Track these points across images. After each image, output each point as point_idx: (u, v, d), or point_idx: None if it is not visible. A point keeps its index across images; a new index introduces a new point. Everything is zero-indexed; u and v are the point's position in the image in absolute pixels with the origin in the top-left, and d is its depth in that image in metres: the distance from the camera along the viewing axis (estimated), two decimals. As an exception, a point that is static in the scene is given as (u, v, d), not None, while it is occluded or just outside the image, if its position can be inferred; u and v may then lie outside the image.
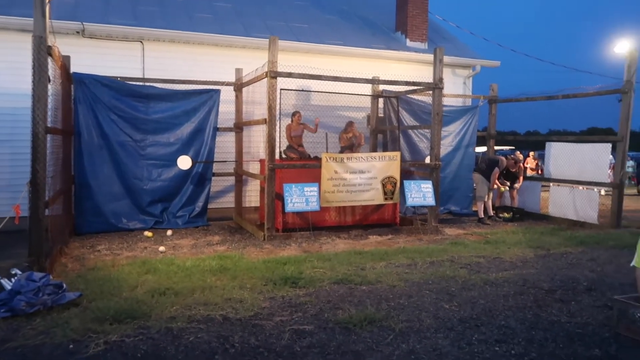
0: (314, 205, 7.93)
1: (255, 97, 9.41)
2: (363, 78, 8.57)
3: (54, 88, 6.25)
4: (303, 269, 5.85)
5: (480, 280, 5.60)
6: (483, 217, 9.96)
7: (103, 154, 8.34)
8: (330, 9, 12.63)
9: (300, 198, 7.83)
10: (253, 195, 9.94)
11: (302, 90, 9.35)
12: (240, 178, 9.67)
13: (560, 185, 10.38)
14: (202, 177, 9.05)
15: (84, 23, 8.89)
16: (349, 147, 9.63)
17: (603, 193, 13.26)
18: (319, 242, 7.69)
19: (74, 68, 8.19)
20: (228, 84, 9.30)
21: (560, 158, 10.25)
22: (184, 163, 8.60)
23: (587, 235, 8.38)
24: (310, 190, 7.94)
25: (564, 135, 11.51)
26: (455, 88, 11.86)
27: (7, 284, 4.60)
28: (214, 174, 9.29)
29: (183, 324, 4.10)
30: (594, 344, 3.89)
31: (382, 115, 10.52)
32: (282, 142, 8.68)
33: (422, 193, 8.59)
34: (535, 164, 16.05)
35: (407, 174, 9.34)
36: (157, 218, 8.67)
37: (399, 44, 11.77)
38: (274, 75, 7.66)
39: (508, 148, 22.19)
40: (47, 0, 5.47)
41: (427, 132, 9.82)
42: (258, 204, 9.52)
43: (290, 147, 9.20)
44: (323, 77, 8.02)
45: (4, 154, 8.62)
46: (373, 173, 8.34)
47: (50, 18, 5.68)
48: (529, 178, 11.35)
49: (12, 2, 8.96)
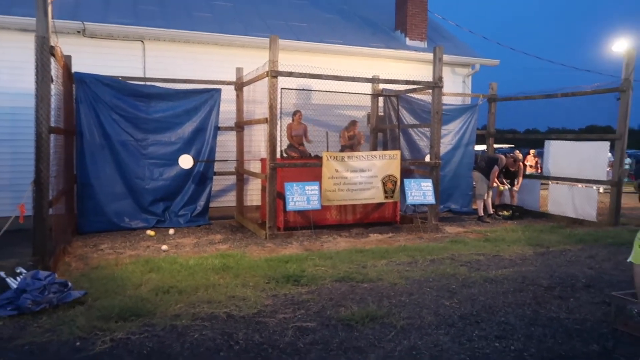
0: (315, 204, 7.97)
1: (256, 96, 9.43)
2: (363, 77, 8.60)
3: (57, 88, 6.29)
4: (305, 267, 5.91)
5: (480, 278, 5.66)
6: (483, 215, 10.02)
7: (105, 154, 8.37)
8: (330, 8, 12.65)
9: (302, 197, 7.88)
10: (254, 194, 9.99)
11: (302, 90, 9.40)
12: (242, 177, 9.71)
13: (559, 184, 10.44)
14: (203, 176, 9.09)
15: (85, 22, 8.91)
16: (350, 146, 9.69)
17: (602, 191, 13.32)
18: (321, 240, 7.74)
19: (75, 68, 8.21)
20: (229, 83, 9.34)
21: (559, 156, 10.30)
22: (186, 162, 8.65)
23: (585, 233, 8.44)
24: (312, 189, 7.99)
25: (563, 134, 11.55)
26: (455, 87, 11.90)
27: (12, 283, 4.65)
28: (216, 173, 9.32)
29: (187, 322, 4.16)
30: (592, 340, 3.95)
31: (382, 114, 10.57)
32: (282, 141, 8.73)
33: (422, 191, 8.65)
34: (535, 162, 16.09)
35: (407, 173, 9.40)
36: (159, 217, 8.71)
37: (399, 43, 11.81)
38: (275, 75, 7.69)
39: (507, 146, 22.25)
40: (49, 1, 5.51)
41: (427, 130, 9.86)
42: (259, 203, 9.56)
43: (291, 146, 9.25)
44: (323, 76, 8.05)
45: (5, 154, 8.65)
46: (373, 172, 8.39)
47: (53, 18, 5.72)
48: (528, 176, 11.40)
49: (12, 1, 8.99)
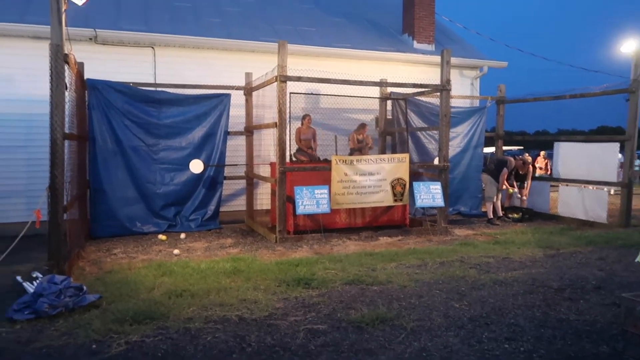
0: (325, 208, 8.02)
1: (265, 100, 9.52)
2: (371, 81, 8.65)
3: (70, 95, 6.41)
4: (315, 270, 5.96)
5: (490, 280, 5.68)
6: (492, 217, 10.01)
7: (117, 159, 8.48)
8: (337, 12, 12.73)
9: (311, 200, 7.94)
10: (264, 198, 10.06)
11: (311, 94, 9.46)
12: (251, 181, 9.79)
13: (569, 185, 10.41)
14: (213, 180, 9.18)
15: (97, 30, 9.03)
16: (359, 149, 9.74)
17: (612, 193, 13.26)
18: (330, 243, 7.80)
19: (88, 74, 8.33)
20: (238, 88, 9.43)
21: (569, 158, 10.28)
22: (196, 167, 8.74)
23: (596, 235, 8.42)
24: (321, 193, 8.04)
25: (573, 135, 11.53)
26: (463, 89, 11.91)
27: (29, 287, 4.75)
28: (226, 178, 9.40)
29: (200, 324, 4.23)
30: (602, 341, 3.97)
31: (390, 117, 10.61)
32: (292, 145, 8.79)
33: (431, 194, 8.67)
34: (545, 164, 16.00)
35: (416, 176, 9.42)
36: (170, 221, 8.80)
37: (406, 46, 11.85)
38: (284, 80, 7.77)
39: (517, 148, 22.16)
40: (63, 9, 5.62)
41: (435, 133, 9.88)
42: (269, 207, 9.63)
43: (300, 150, 9.32)
44: (332, 80, 8.11)
45: (20, 160, 8.77)
46: (382, 175, 8.43)
47: (66, 26, 5.83)
48: (538, 178, 11.38)
49: (26, 9, 9.16)
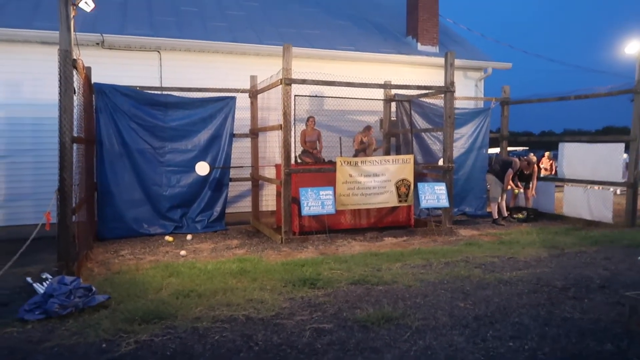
0: (330, 209, 8.08)
1: (270, 103, 9.59)
2: (375, 83, 8.70)
3: (78, 99, 6.49)
4: (321, 271, 6.01)
5: (495, 280, 5.71)
6: (497, 218, 10.02)
7: (124, 162, 8.57)
8: (341, 15, 12.79)
9: (316, 201, 7.99)
10: (269, 200, 10.12)
11: (315, 96, 9.52)
12: (257, 183, 9.85)
13: (575, 186, 10.41)
14: (219, 182, 9.25)
15: (104, 35, 9.14)
16: (363, 149, 9.79)
17: (618, 193, 13.22)
18: (335, 244, 7.84)
19: (95, 78, 8.44)
20: (243, 91, 9.50)
21: (574, 158, 10.28)
22: (202, 169, 8.82)
23: (601, 235, 8.42)
24: (326, 194, 8.10)
25: (578, 136, 11.52)
26: (467, 90, 11.94)
27: (39, 288, 4.83)
28: (231, 179, 9.48)
29: (208, 324, 4.29)
30: (606, 339, 3.99)
31: (394, 119, 10.65)
32: (296, 147, 8.85)
33: (435, 195, 8.71)
34: (550, 164, 15.97)
35: (420, 177, 9.46)
36: (176, 223, 8.88)
37: (410, 48, 11.90)
38: (289, 82, 7.83)
39: (522, 149, 22.13)
40: (72, 16, 5.71)
41: (439, 134, 9.92)
42: (274, 208, 9.69)
43: (305, 151, 9.38)
44: (336, 82, 8.17)
45: (28, 163, 8.88)
46: (387, 176, 8.47)
47: (74, 32, 5.92)
48: (543, 178, 11.39)
49: (33, 15, 9.27)
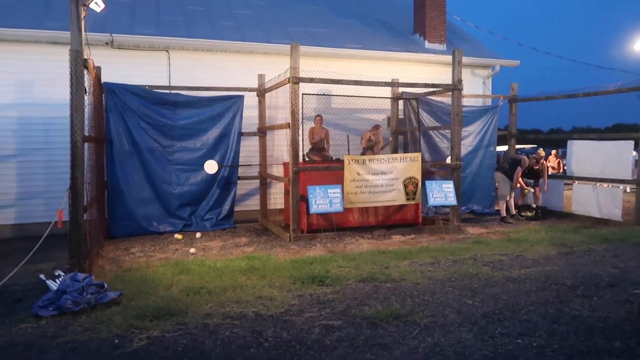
0: (338, 207, 8.11)
1: (278, 101, 9.63)
2: (383, 81, 8.71)
3: (89, 98, 6.56)
4: (329, 268, 6.05)
5: (503, 277, 5.72)
6: (505, 215, 10.01)
7: (134, 160, 8.65)
8: (348, 13, 12.80)
9: (324, 200, 8.03)
10: (277, 198, 10.16)
11: (323, 95, 9.54)
12: (265, 181, 9.90)
13: (583, 183, 10.37)
14: (228, 180, 9.31)
15: (113, 35, 9.21)
16: (370, 147, 9.81)
17: (628, 190, 13.15)
18: (343, 242, 7.87)
19: (104, 78, 8.50)
20: (251, 90, 9.55)
21: (583, 156, 10.23)
22: (211, 167, 8.88)
23: (610, 233, 8.39)
24: (334, 192, 8.13)
25: (586, 133, 11.47)
26: (475, 88, 11.92)
27: (52, 285, 4.90)
28: (239, 178, 9.53)
29: (218, 320, 4.34)
30: (615, 337, 4.00)
31: (402, 117, 10.66)
32: (304, 145, 8.89)
33: (443, 193, 8.71)
34: (557, 163, 15.84)
35: (428, 174, 9.46)
36: (185, 221, 8.95)
37: (418, 46, 11.89)
38: (297, 81, 7.87)
39: (530, 146, 21.99)
40: (82, 16, 5.78)
41: (447, 132, 9.91)
42: (282, 206, 9.74)
43: (313, 149, 9.41)
44: (344, 81, 8.18)
45: (39, 162, 8.98)
46: (395, 174, 8.49)
47: (85, 32, 5.98)
48: (551, 176, 11.34)
49: (43, 16, 9.37)
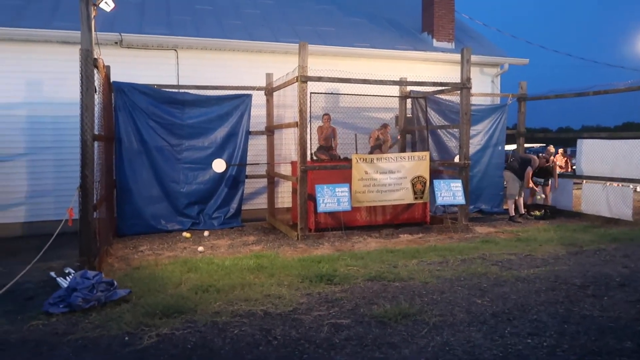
0: (346, 205, 8.11)
1: (286, 100, 9.63)
2: (391, 80, 8.70)
3: (99, 97, 6.60)
4: (337, 267, 6.05)
5: (512, 277, 5.69)
6: (514, 215, 9.96)
7: (142, 159, 8.69)
8: (356, 12, 12.78)
9: (332, 198, 8.03)
10: (285, 197, 10.18)
11: (331, 93, 9.54)
12: (272, 180, 9.91)
13: (593, 182, 10.29)
14: (235, 179, 9.33)
15: (122, 34, 9.25)
16: (378, 146, 9.80)
17: (638, 190, 13.05)
18: (351, 241, 7.87)
19: (113, 77, 8.55)
20: (259, 89, 9.56)
21: (592, 155, 10.16)
22: (219, 166, 8.90)
23: (621, 232, 8.33)
24: (342, 191, 8.13)
25: (596, 132, 11.40)
26: (484, 87, 11.86)
27: (63, 282, 4.94)
28: (247, 176, 9.55)
29: (227, 318, 4.35)
30: (626, 337, 3.97)
31: (410, 116, 10.63)
32: (312, 144, 8.89)
33: (451, 192, 8.69)
34: (565, 161, 15.72)
35: (436, 173, 9.43)
36: (193, 219, 8.98)
37: (426, 45, 11.85)
38: (305, 80, 7.87)
39: (538, 145, 21.86)
40: (92, 16, 5.81)
41: (455, 131, 9.89)
42: (290, 205, 9.75)
43: (321, 148, 9.42)
44: (352, 80, 8.18)
45: (48, 160, 9.04)
46: (403, 173, 8.47)
47: (95, 31, 6.02)
48: (560, 175, 11.27)
49: (52, 16, 9.43)
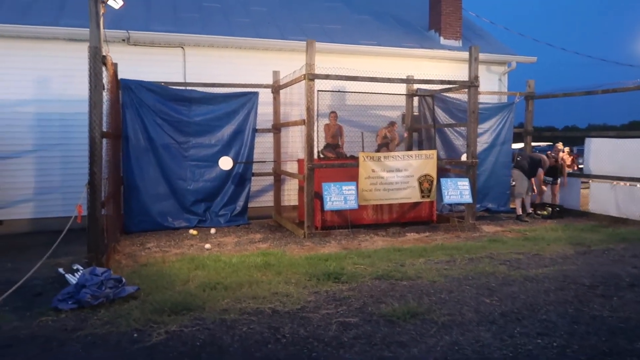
0: (352, 204, 8.09)
1: (293, 98, 9.62)
2: (398, 78, 8.67)
3: (107, 95, 6.61)
4: (344, 265, 6.04)
5: (520, 276, 5.67)
6: (521, 214, 9.90)
7: (149, 156, 8.70)
8: (363, 10, 12.74)
9: (339, 196, 8.02)
10: (291, 194, 10.17)
11: (338, 91, 9.52)
12: (279, 177, 9.91)
13: (601, 182, 10.22)
14: (242, 177, 9.33)
15: (129, 31, 9.26)
16: (385, 144, 9.77)
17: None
18: (358, 239, 7.86)
19: (121, 74, 8.55)
20: (266, 87, 9.55)
21: (600, 154, 10.09)
22: (225, 164, 8.90)
23: (629, 232, 8.28)
24: (349, 189, 8.11)
25: (604, 131, 11.32)
26: (491, 85, 11.80)
27: (71, 279, 4.95)
28: (254, 174, 9.54)
29: (235, 316, 4.35)
30: (637, 338, 3.94)
31: (417, 114, 10.60)
32: (319, 142, 8.87)
33: (458, 190, 8.66)
34: (571, 160, 15.59)
35: (443, 172, 9.41)
36: (200, 217, 8.99)
37: (433, 43, 11.80)
38: (312, 78, 7.85)
39: (545, 144, 21.73)
40: (101, 13, 5.81)
41: (462, 129, 9.85)
42: (296, 203, 9.74)
43: (328, 146, 9.41)
44: (359, 78, 8.16)
45: (55, 157, 9.06)
46: (410, 171, 8.45)
47: (104, 29, 6.02)
48: (568, 175, 11.21)
49: (60, 13, 9.45)
